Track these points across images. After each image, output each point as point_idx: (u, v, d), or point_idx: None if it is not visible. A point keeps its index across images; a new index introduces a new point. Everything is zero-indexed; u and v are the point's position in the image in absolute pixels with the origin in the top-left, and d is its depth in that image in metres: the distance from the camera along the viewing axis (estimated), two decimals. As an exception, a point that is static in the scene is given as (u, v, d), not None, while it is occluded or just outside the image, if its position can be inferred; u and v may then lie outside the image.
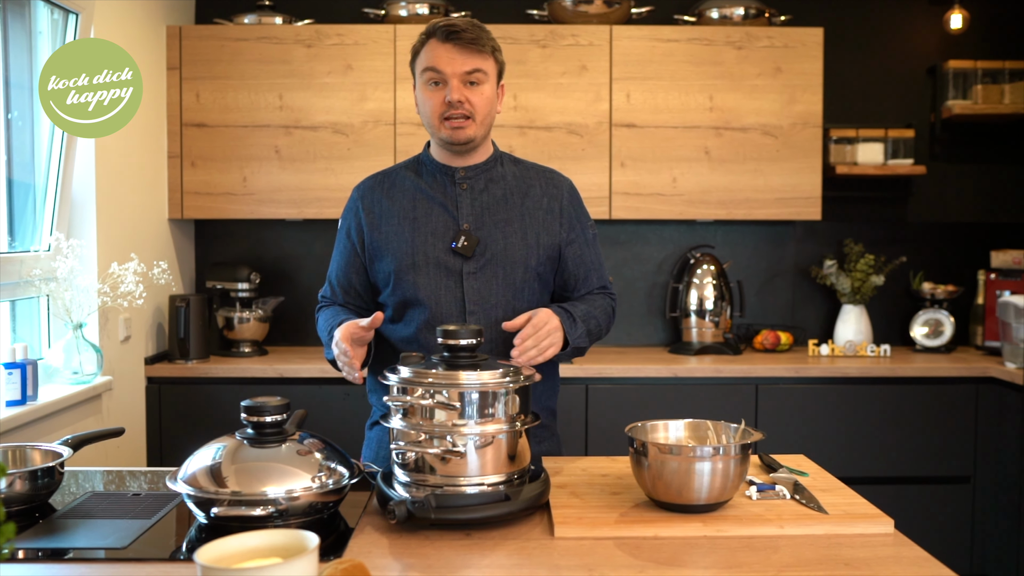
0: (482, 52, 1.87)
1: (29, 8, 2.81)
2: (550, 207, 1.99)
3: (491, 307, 1.91)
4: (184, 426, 3.40)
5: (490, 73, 1.89)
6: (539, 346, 1.78)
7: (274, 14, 3.70)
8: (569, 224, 2.00)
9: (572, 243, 2.00)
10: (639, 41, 3.62)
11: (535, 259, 1.95)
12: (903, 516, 3.42)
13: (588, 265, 2.03)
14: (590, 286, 2.05)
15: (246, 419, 1.55)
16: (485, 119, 1.90)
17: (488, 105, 1.90)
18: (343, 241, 2.02)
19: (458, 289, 1.90)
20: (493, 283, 1.91)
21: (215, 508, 1.44)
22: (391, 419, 1.56)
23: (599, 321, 1.98)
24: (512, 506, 1.50)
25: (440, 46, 1.85)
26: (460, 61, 1.85)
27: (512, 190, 1.98)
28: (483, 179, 1.97)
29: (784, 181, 3.65)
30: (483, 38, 1.87)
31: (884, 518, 1.53)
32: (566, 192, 2.03)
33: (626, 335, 4.01)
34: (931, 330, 3.81)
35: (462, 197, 1.94)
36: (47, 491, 1.64)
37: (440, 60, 1.85)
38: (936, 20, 3.98)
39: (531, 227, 1.96)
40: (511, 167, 2.02)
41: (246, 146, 3.61)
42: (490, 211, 1.94)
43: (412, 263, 1.90)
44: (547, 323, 1.79)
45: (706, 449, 1.50)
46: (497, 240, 1.92)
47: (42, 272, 2.81)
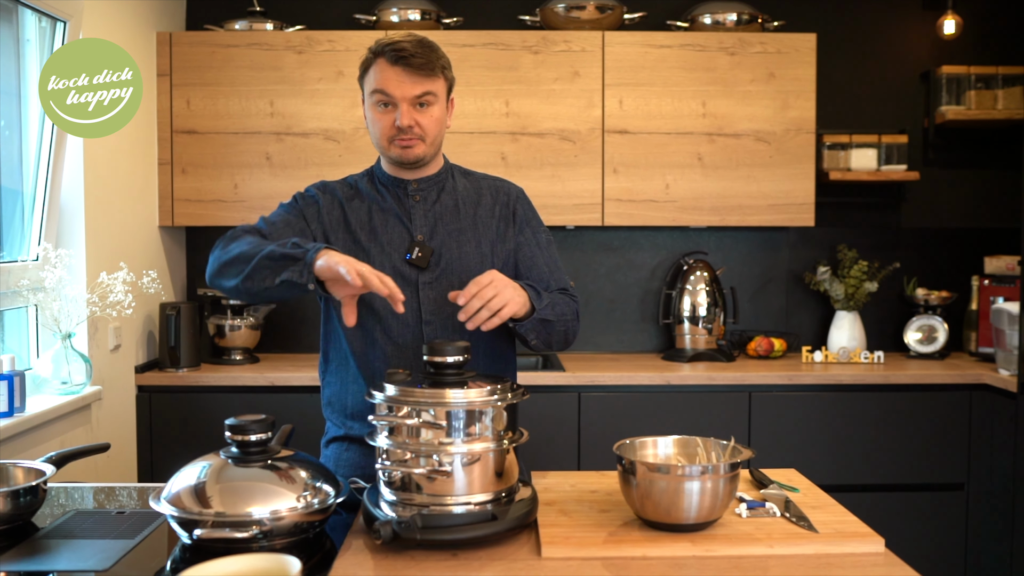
0: (431, 75, 1.84)
1: (17, 16, 2.79)
2: (502, 214, 1.98)
3: (447, 316, 1.88)
4: (175, 435, 3.38)
5: (440, 93, 1.87)
6: (488, 304, 1.67)
7: (265, 20, 3.69)
8: (518, 228, 1.99)
9: (523, 246, 1.99)
10: (632, 47, 3.60)
11: (490, 267, 1.92)
12: (896, 524, 3.43)
13: (541, 268, 1.98)
14: (547, 289, 1.98)
15: (230, 438, 1.54)
16: (435, 139, 1.90)
17: (438, 126, 1.89)
18: (293, 210, 1.94)
19: (414, 299, 1.88)
20: (449, 292, 1.86)
21: (198, 530, 1.42)
22: (377, 437, 1.55)
23: (562, 309, 1.88)
24: (499, 526, 1.49)
25: (389, 68, 1.82)
26: (409, 85, 1.82)
27: (464, 200, 1.97)
28: (435, 190, 1.96)
29: (777, 187, 3.64)
30: (432, 60, 1.83)
31: (875, 537, 1.52)
32: (515, 198, 2.02)
33: (618, 342, 4.00)
34: (924, 336, 3.80)
35: (415, 208, 1.93)
36: (30, 510, 1.62)
37: (389, 83, 1.82)
38: (929, 26, 3.97)
39: (485, 236, 1.95)
40: (462, 179, 2.02)
41: (237, 153, 3.59)
42: (443, 221, 1.94)
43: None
44: (492, 281, 1.70)
45: (695, 468, 1.49)
46: (452, 250, 1.92)
47: (30, 282, 2.78)
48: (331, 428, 2.03)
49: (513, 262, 1.98)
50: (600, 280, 3.99)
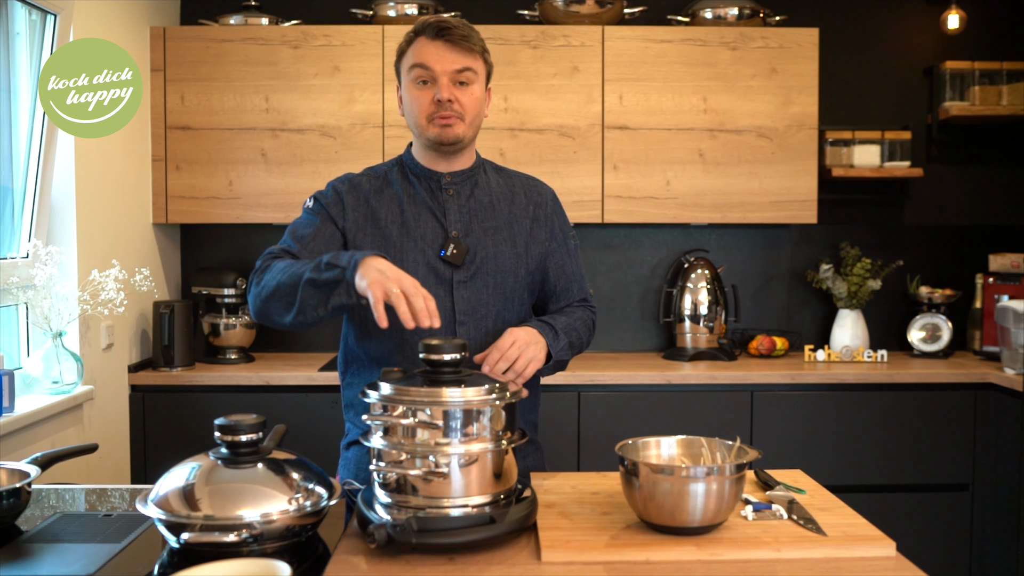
0: (472, 51, 1.81)
1: (6, 9, 2.74)
2: (535, 215, 1.93)
3: (481, 317, 1.84)
4: (169, 435, 3.33)
5: (480, 73, 1.83)
6: (513, 367, 1.69)
7: (260, 15, 3.64)
8: (551, 233, 1.95)
9: (554, 253, 1.95)
10: (632, 42, 3.56)
11: (524, 268, 1.89)
12: (900, 524, 3.38)
13: (569, 276, 1.96)
14: (571, 298, 1.98)
15: (220, 438, 1.49)
16: (474, 120, 1.84)
17: (477, 106, 1.83)
18: (320, 214, 1.84)
19: (448, 298, 1.82)
20: (484, 292, 1.84)
21: (186, 533, 1.37)
22: (371, 438, 1.50)
23: (579, 334, 1.91)
24: (497, 529, 1.44)
25: (429, 43, 1.79)
26: (450, 59, 1.78)
27: (498, 197, 1.92)
28: (468, 185, 1.90)
29: (779, 184, 3.60)
30: (474, 37, 1.82)
31: (885, 540, 1.47)
32: (550, 200, 1.98)
33: (619, 341, 3.95)
34: (928, 335, 3.75)
35: (449, 203, 1.87)
36: (13, 513, 1.57)
37: (430, 57, 1.78)
38: (933, 20, 3.92)
39: (519, 235, 1.90)
40: (494, 175, 1.96)
41: (232, 149, 3.54)
42: (478, 218, 1.87)
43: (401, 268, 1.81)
44: (513, 341, 1.71)
45: (700, 469, 1.44)
46: (487, 248, 1.85)
47: (20, 280, 2.73)
48: (351, 430, 1.95)
49: (543, 266, 1.93)
50: (600, 278, 3.94)
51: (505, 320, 1.87)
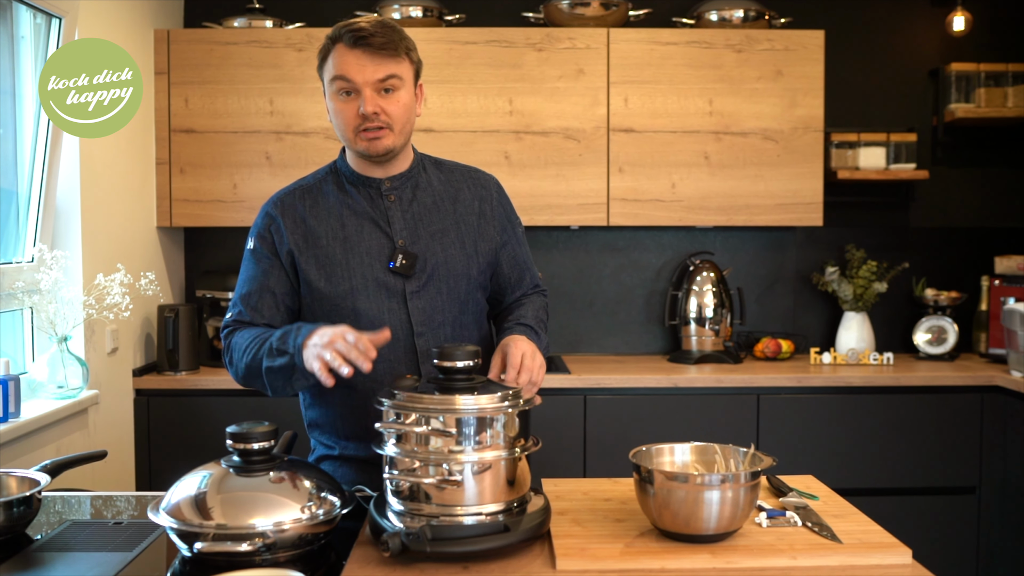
0: (395, 56, 1.71)
1: (11, 12, 2.73)
2: (482, 210, 1.88)
3: (438, 325, 1.79)
4: (174, 439, 3.32)
5: (406, 77, 1.74)
6: (534, 379, 1.65)
7: (264, 17, 3.63)
8: (501, 226, 1.90)
9: (506, 244, 1.91)
10: (637, 44, 3.55)
11: (476, 268, 1.84)
12: (907, 527, 3.36)
13: (522, 266, 1.94)
14: (524, 287, 1.95)
15: (232, 446, 1.48)
16: (404, 127, 1.76)
17: (406, 113, 1.76)
18: (263, 259, 1.80)
19: (403, 311, 1.78)
20: (438, 299, 1.80)
21: (199, 542, 1.37)
22: (384, 446, 1.49)
23: (545, 324, 1.93)
24: (511, 537, 1.43)
25: (348, 52, 1.70)
26: (371, 68, 1.69)
27: (441, 196, 1.86)
28: (409, 188, 1.84)
29: (785, 186, 3.59)
30: (395, 40, 1.71)
31: (901, 548, 1.46)
32: (494, 192, 1.92)
33: (624, 344, 3.94)
34: (934, 337, 3.75)
35: (392, 210, 1.81)
36: (23, 521, 1.56)
37: (350, 68, 1.70)
38: (938, 22, 3.92)
39: (467, 235, 1.85)
40: (435, 171, 1.89)
41: (236, 152, 3.54)
42: (423, 222, 1.82)
43: (350, 288, 1.76)
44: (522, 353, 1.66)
45: (715, 477, 1.43)
46: (436, 253, 1.80)
47: (25, 284, 2.72)
48: (319, 447, 1.90)
49: (495, 260, 1.89)
50: (605, 281, 3.93)
51: (462, 324, 1.83)
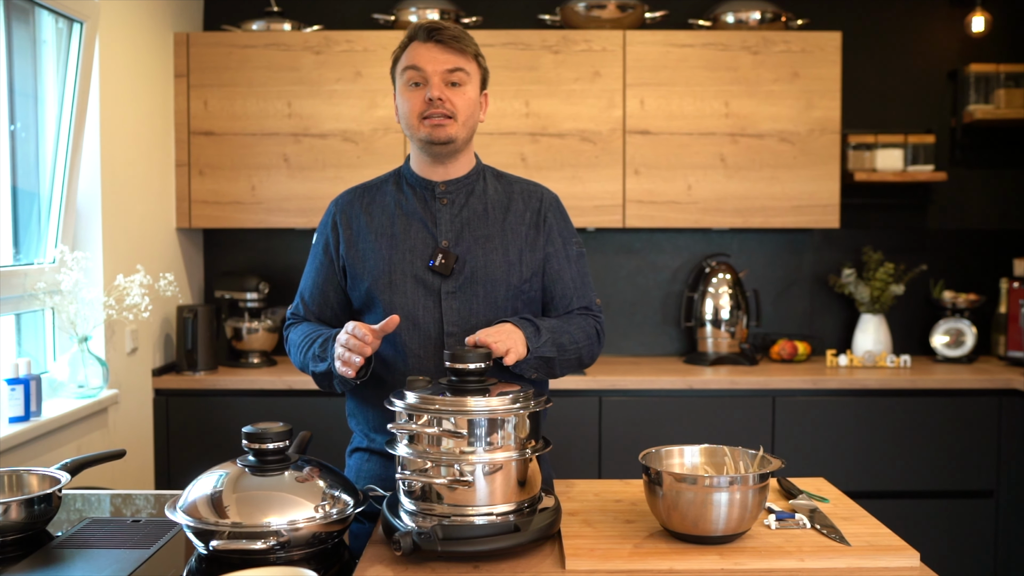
0: (464, 53, 1.81)
1: (33, 17, 2.77)
2: (532, 221, 1.89)
3: (471, 328, 1.79)
4: (192, 438, 3.36)
5: (473, 75, 1.83)
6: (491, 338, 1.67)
7: (282, 20, 3.66)
8: (549, 238, 1.90)
9: (551, 258, 1.90)
10: (653, 46, 3.56)
11: (517, 277, 1.85)
12: (924, 531, 3.36)
13: (567, 283, 1.90)
14: (569, 306, 1.91)
15: (247, 446, 1.50)
16: (467, 121, 1.82)
17: (470, 107, 1.82)
18: (319, 256, 1.94)
19: (436, 309, 1.81)
20: (473, 302, 1.82)
21: (215, 540, 1.39)
22: (397, 446, 1.51)
23: (573, 337, 1.83)
24: (522, 537, 1.45)
25: (421, 46, 1.80)
26: (442, 59, 1.79)
27: (493, 204, 1.89)
28: (463, 193, 1.88)
29: (801, 188, 3.59)
30: (466, 39, 1.82)
31: (909, 551, 1.47)
32: (549, 205, 1.93)
33: (640, 345, 3.95)
34: (952, 340, 3.73)
35: (441, 212, 1.85)
36: (44, 518, 1.59)
37: (421, 59, 1.79)
38: (957, 23, 3.90)
39: (513, 243, 1.86)
40: (493, 182, 1.93)
41: (254, 154, 3.57)
42: (470, 227, 1.85)
43: (389, 282, 1.82)
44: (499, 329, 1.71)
45: (723, 479, 1.44)
46: (477, 257, 1.83)
47: (47, 285, 2.76)
48: (356, 438, 1.96)
49: (540, 272, 1.89)
50: (621, 283, 3.94)
51: None
